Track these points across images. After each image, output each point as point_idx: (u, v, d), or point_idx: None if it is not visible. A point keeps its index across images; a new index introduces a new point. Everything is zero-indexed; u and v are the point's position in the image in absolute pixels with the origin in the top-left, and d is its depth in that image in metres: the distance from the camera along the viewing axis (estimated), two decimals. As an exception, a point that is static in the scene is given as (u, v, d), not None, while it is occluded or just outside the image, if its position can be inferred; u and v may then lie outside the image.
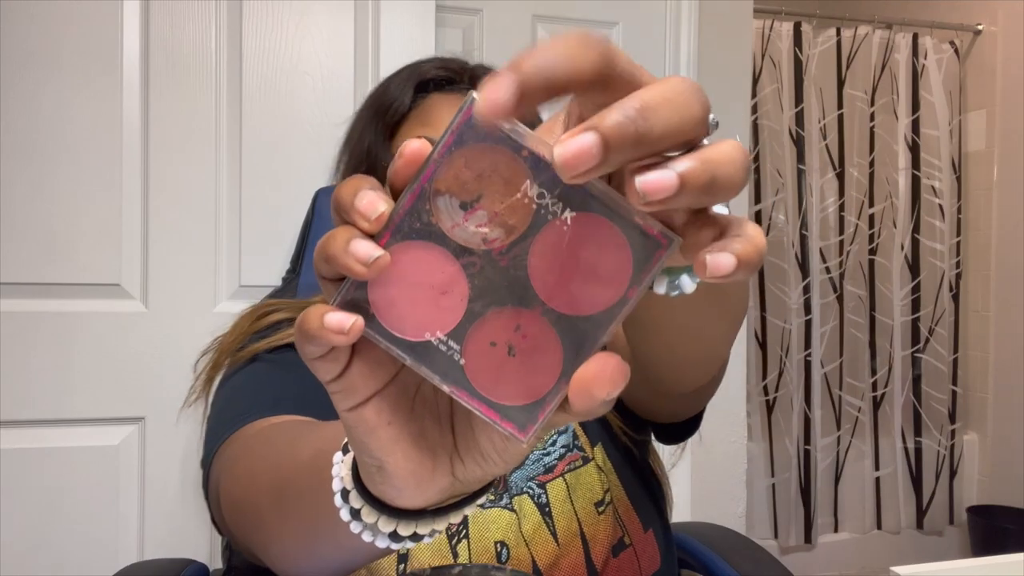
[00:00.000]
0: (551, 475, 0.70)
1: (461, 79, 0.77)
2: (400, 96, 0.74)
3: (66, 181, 1.18)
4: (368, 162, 0.75)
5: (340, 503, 0.35)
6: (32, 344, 1.17)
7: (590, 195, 0.26)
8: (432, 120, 0.74)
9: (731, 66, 1.67)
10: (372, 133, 0.75)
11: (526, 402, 0.28)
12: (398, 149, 0.28)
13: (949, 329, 2.58)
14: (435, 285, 0.28)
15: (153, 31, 1.21)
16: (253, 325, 0.75)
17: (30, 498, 1.17)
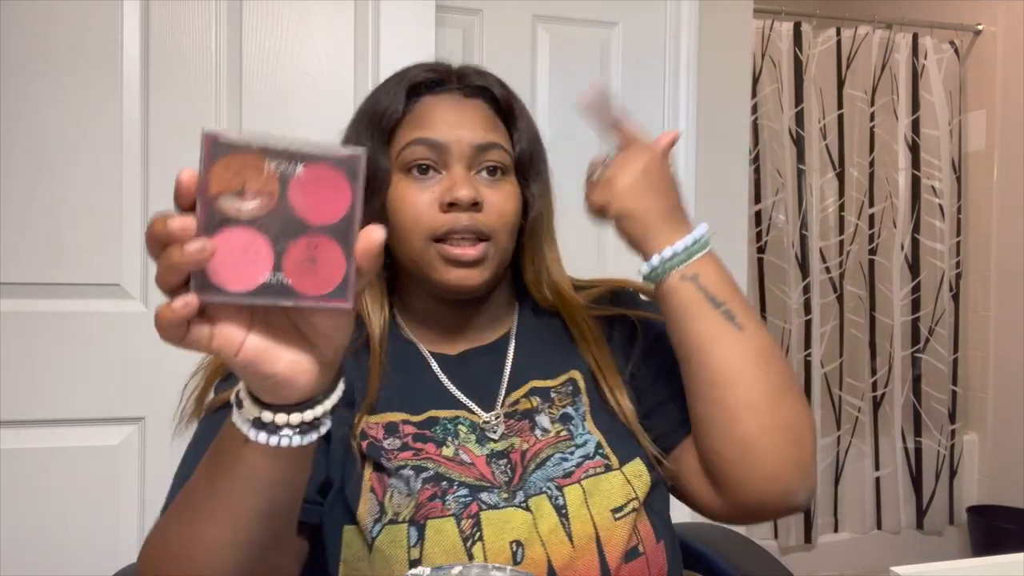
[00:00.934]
0: (569, 480, 0.71)
1: (449, 79, 0.78)
2: (393, 102, 0.75)
3: (66, 181, 1.18)
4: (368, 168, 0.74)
5: (238, 418, 0.50)
6: (32, 344, 1.17)
7: (306, 154, 0.42)
8: (426, 122, 0.75)
9: (731, 66, 1.67)
10: (369, 140, 0.75)
11: (338, 283, 0.43)
12: (176, 179, 0.42)
13: (949, 329, 2.58)
14: (247, 249, 0.42)
15: (153, 31, 1.21)
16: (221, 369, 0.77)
17: (30, 498, 1.17)
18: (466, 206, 0.72)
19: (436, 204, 0.73)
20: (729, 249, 1.69)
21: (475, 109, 0.77)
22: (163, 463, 1.23)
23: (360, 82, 1.31)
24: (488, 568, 0.51)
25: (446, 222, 0.72)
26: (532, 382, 0.78)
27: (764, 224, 2.46)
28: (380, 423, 0.72)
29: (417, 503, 0.67)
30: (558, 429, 0.75)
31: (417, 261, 0.74)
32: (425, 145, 0.73)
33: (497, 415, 0.75)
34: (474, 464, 0.71)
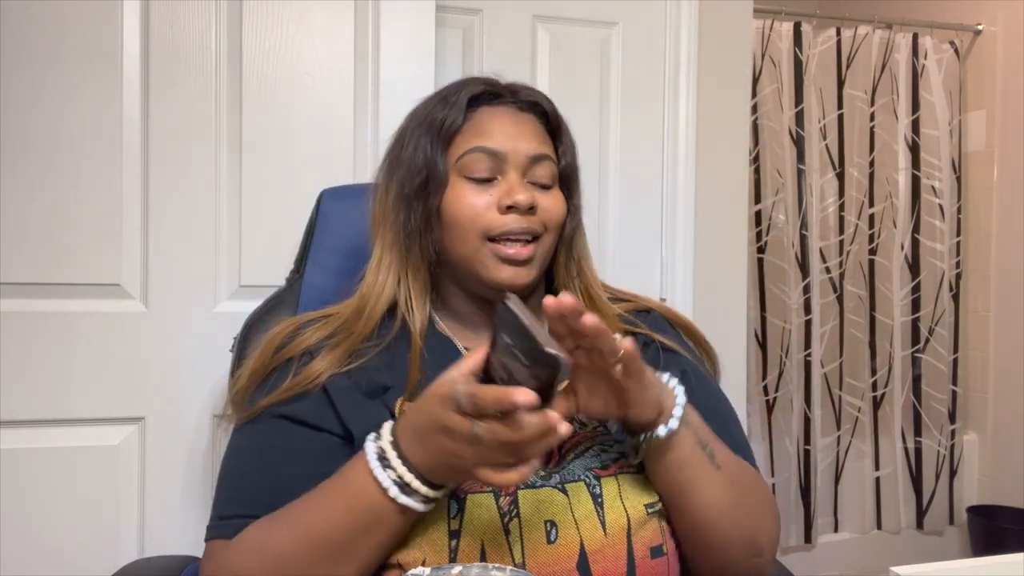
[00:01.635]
0: (606, 472, 0.76)
1: (505, 93, 0.84)
2: (454, 112, 0.81)
3: (66, 181, 1.18)
4: (427, 172, 0.80)
5: (384, 478, 0.64)
6: (32, 344, 1.17)
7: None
8: (486, 131, 0.81)
9: (731, 66, 1.67)
10: (428, 147, 0.80)
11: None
12: (506, 399, 0.56)
13: (949, 329, 2.58)
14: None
15: (153, 31, 1.21)
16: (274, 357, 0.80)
17: (30, 498, 1.17)
18: (524, 210, 0.78)
19: (495, 206, 0.79)
20: (729, 249, 1.69)
21: (529, 123, 0.84)
22: (163, 463, 1.23)
23: (360, 82, 1.31)
24: (488, 568, 0.51)
25: (504, 223, 0.79)
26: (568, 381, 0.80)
27: (764, 224, 2.46)
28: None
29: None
30: (594, 424, 0.79)
31: (470, 258, 0.80)
32: (486, 153, 0.80)
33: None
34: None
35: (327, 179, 1.18)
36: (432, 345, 0.81)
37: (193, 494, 1.24)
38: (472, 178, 0.80)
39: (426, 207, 0.81)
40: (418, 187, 0.81)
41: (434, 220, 0.81)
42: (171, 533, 1.22)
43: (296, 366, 0.78)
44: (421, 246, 0.81)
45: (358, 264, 1.01)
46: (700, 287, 1.63)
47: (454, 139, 0.81)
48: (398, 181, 0.83)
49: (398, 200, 0.82)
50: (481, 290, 0.82)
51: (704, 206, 1.64)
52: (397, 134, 0.87)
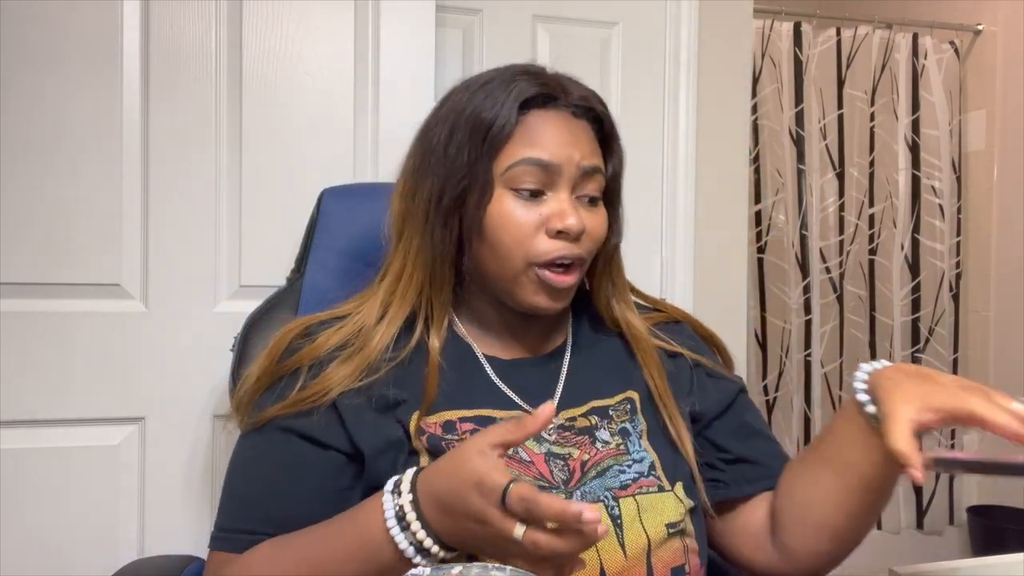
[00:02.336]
0: (625, 492, 0.73)
1: (558, 95, 0.76)
2: (503, 114, 0.73)
3: (66, 181, 1.18)
4: (470, 178, 0.73)
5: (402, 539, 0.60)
6: (32, 344, 1.17)
7: None
8: (538, 140, 0.73)
9: (731, 66, 1.67)
10: (474, 150, 0.73)
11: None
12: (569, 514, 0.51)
13: (949, 329, 2.58)
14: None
15: (153, 31, 1.21)
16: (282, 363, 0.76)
17: (30, 498, 1.17)
18: (574, 236, 0.73)
19: (542, 228, 0.73)
20: (729, 249, 1.69)
21: (583, 130, 0.76)
22: (163, 463, 1.23)
23: (360, 82, 1.31)
24: (488, 568, 0.51)
25: (552, 250, 0.73)
26: (592, 402, 0.79)
27: (764, 224, 2.46)
28: (437, 422, 0.73)
29: None
30: (617, 442, 0.76)
31: (510, 280, 0.74)
32: (538, 166, 0.73)
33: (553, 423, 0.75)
34: (533, 462, 0.72)
35: (327, 179, 1.18)
36: (450, 351, 0.77)
37: (193, 494, 1.24)
38: (520, 190, 0.73)
39: (466, 219, 0.74)
40: (458, 196, 0.73)
41: (474, 234, 0.74)
42: (171, 533, 1.22)
43: (305, 377, 0.73)
44: (447, 260, 0.75)
45: (359, 264, 1.01)
46: (700, 287, 1.63)
47: (502, 148, 0.73)
48: (435, 185, 0.75)
49: (433, 207, 0.74)
50: (512, 305, 0.77)
51: (704, 206, 1.64)
52: (433, 125, 0.78)
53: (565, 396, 0.79)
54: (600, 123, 0.78)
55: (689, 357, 0.84)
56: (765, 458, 0.83)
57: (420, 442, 0.71)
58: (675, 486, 0.76)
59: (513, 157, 0.73)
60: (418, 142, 0.80)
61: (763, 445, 0.84)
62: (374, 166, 1.31)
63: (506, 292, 0.75)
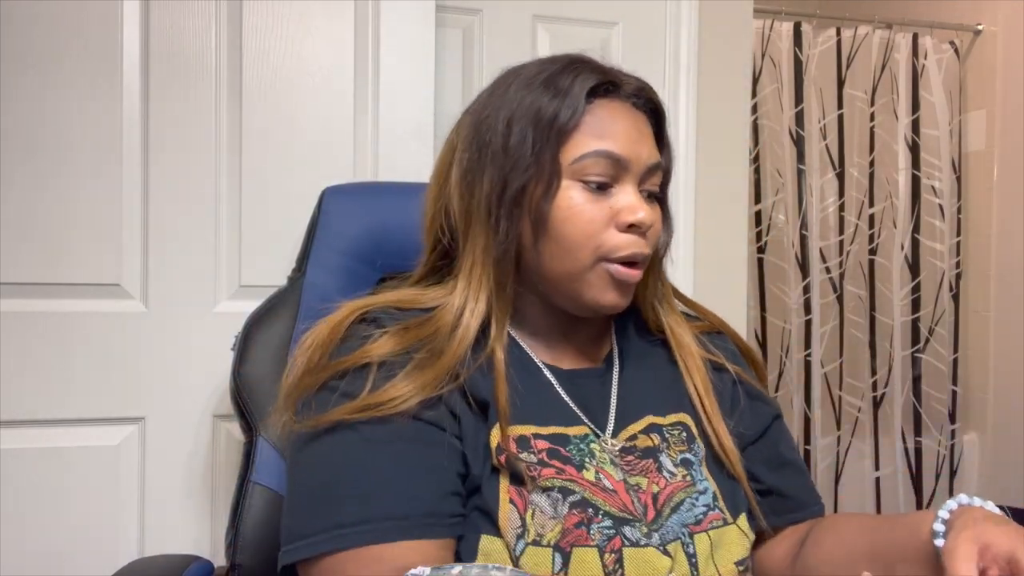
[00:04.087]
0: (699, 528, 0.70)
1: (621, 85, 0.73)
2: (569, 104, 0.70)
3: (66, 181, 1.18)
4: (535, 168, 0.70)
5: None
6: (32, 344, 1.17)
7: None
8: (608, 132, 0.71)
9: (731, 66, 1.67)
10: (539, 139, 0.69)
11: None
12: None
13: (949, 329, 2.58)
14: None
15: (153, 31, 1.21)
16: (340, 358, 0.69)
17: (30, 498, 1.17)
18: (646, 230, 0.71)
19: (612, 222, 0.70)
20: (729, 249, 1.69)
21: (644, 124, 0.74)
22: (163, 463, 1.23)
23: (360, 82, 1.31)
24: (488, 568, 0.51)
25: (623, 246, 0.70)
26: (649, 417, 0.76)
27: (764, 224, 2.46)
28: (512, 436, 0.69)
29: (563, 528, 0.65)
30: (683, 473, 0.73)
31: (575, 277, 0.71)
32: (609, 159, 0.70)
33: (616, 445, 0.73)
34: (616, 491, 0.69)
35: (327, 179, 1.18)
36: (511, 357, 0.73)
37: (193, 494, 1.24)
38: (588, 183, 0.70)
39: (531, 212, 0.70)
40: (522, 187, 0.70)
41: (539, 228, 0.70)
42: (171, 533, 1.22)
43: (375, 376, 0.66)
44: (515, 257, 0.71)
45: (360, 263, 1.01)
46: (700, 287, 1.63)
47: (569, 137, 0.70)
48: (496, 178, 0.71)
49: (495, 201, 0.70)
50: (573, 307, 0.74)
51: (704, 206, 1.64)
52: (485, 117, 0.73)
53: (621, 410, 0.76)
54: (656, 116, 0.76)
55: (733, 372, 0.82)
56: (796, 491, 0.82)
57: (499, 461, 0.67)
58: (738, 518, 0.74)
59: (582, 148, 0.70)
60: (467, 139, 0.74)
61: (794, 477, 0.83)
62: (374, 166, 1.31)
63: (571, 291, 0.72)
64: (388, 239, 1.01)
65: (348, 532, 0.61)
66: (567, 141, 0.70)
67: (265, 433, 0.94)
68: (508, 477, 0.66)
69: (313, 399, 0.68)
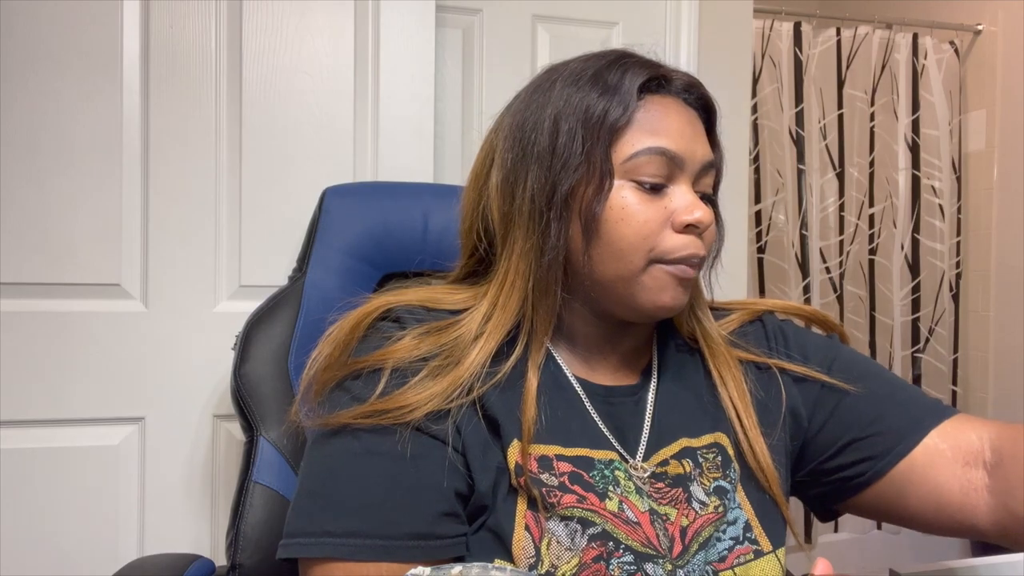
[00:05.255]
0: (723, 564, 0.67)
1: (672, 80, 0.71)
2: (620, 100, 0.67)
3: (66, 181, 1.18)
4: (586, 167, 0.66)
5: None
6: (32, 344, 1.17)
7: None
8: (661, 128, 0.67)
9: (731, 66, 1.67)
10: (589, 137, 0.66)
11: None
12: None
13: (949, 329, 2.58)
14: None
15: (153, 31, 1.21)
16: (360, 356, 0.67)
17: (30, 498, 1.17)
18: (704, 230, 0.68)
19: (668, 223, 0.67)
20: (729, 249, 1.69)
21: (698, 121, 0.72)
22: (163, 463, 1.23)
23: (360, 82, 1.31)
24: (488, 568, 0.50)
25: (681, 247, 0.67)
26: (683, 440, 0.72)
27: (764, 224, 2.46)
28: (533, 455, 0.66)
29: (581, 561, 0.62)
30: (715, 503, 0.69)
31: (629, 281, 0.67)
32: (664, 156, 0.67)
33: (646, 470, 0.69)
34: (639, 523, 0.66)
35: (327, 179, 1.18)
36: (544, 371, 0.69)
37: (193, 494, 1.24)
38: (642, 183, 0.67)
39: (581, 214, 0.67)
40: (572, 188, 0.66)
41: (590, 231, 0.67)
42: (171, 533, 1.22)
43: (387, 381, 0.65)
44: (565, 262, 0.68)
45: (361, 263, 1.01)
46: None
47: (621, 135, 0.67)
48: (543, 176, 0.67)
49: (543, 201, 0.67)
50: (626, 312, 0.70)
51: (704, 206, 1.64)
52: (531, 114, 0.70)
53: (654, 432, 0.72)
54: (708, 113, 0.73)
55: (774, 366, 0.77)
56: (909, 406, 0.75)
57: (520, 483, 0.64)
58: (778, 549, 0.70)
59: (635, 145, 0.67)
60: (509, 139, 0.71)
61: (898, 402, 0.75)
62: (374, 165, 1.31)
63: (625, 295, 0.68)
64: (389, 239, 1.01)
65: (335, 543, 0.61)
66: (619, 139, 0.67)
67: (266, 433, 0.94)
68: (526, 501, 0.64)
69: (327, 397, 0.67)
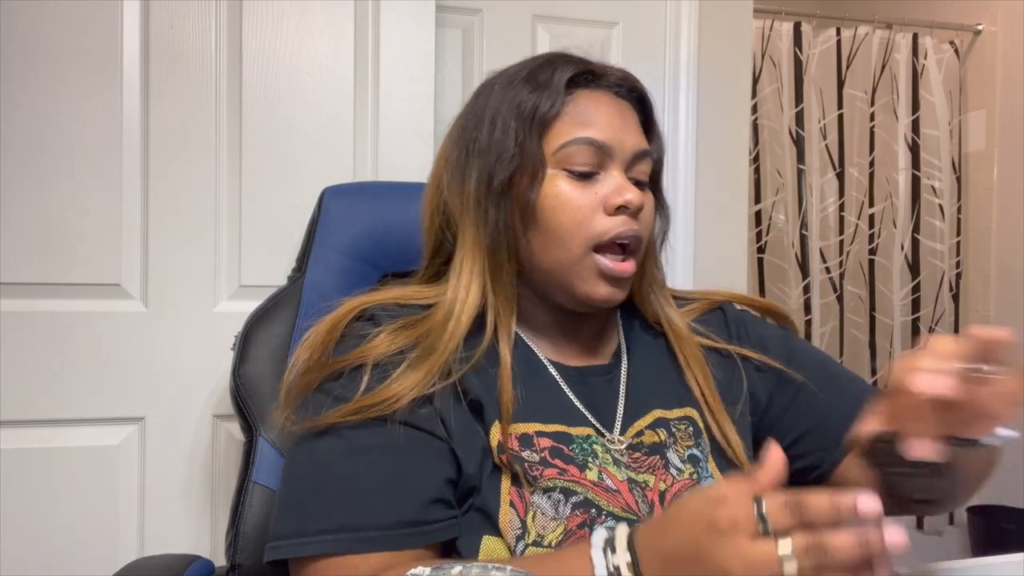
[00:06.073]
0: None
1: (601, 74, 0.75)
2: (550, 94, 0.71)
3: (66, 181, 1.18)
4: (520, 159, 0.70)
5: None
6: (32, 344, 1.17)
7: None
8: (589, 119, 0.71)
9: (731, 66, 1.67)
10: (522, 130, 0.70)
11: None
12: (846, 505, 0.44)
13: (949, 329, 2.58)
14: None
15: (153, 31, 1.21)
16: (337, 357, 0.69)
17: (30, 498, 1.17)
18: (635, 211, 0.70)
19: (600, 207, 0.70)
20: (729, 249, 1.69)
21: (629, 112, 0.75)
22: (163, 463, 1.23)
23: (360, 82, 1.31)
24: (488, 568, 0.51)
25: (613, 226, 0.70)
26: (656, 411, 0.75)
27: (764, 224, 2.46)
28: (513, 434, 0.68)
29: (566, 529, 0.65)
30: (690, 470, 0.72)
31: (567, 268, 0.71)
32: (592, 146, 0.70)
33: (623, 443, 0.72)
34: (619, 491, 0.68)
35: (327, 179, 1.18)
36: (517, 358, 0.72)
37: (193, 494, 1.24)
38: (573, 171, 0.70)
39: (519, 202, 0.70)
40: (508, 178, 0.70)
41: (528, 220, 0.71)
42: (171, 533, 1.23)
43: (370, 376, 0.66)
44: (509, 248, 0.71)
45: (361, 263, 1.01)
46: (700, 287, 1.63)
47: (551, 127, 0.71)
48: (483, 169, 0.72)
49: (483, 192, 0.71)
50: (569, 302, 0.74)
51: (704, 206, 1.64)
52: (469, 119, 0.75)
53: (629, 407, 0.75)
54: (642, 104, 0.77)
55: (735, 353, 0.81)
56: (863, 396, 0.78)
57: (501, 460, 0.67)
58: None
59: (565, 136, 0.71)
60: (454, 140, 0.76)
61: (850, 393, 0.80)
62: (374, 166, 1.31)
63: (564, 283, 0.72)
64: (388, 239, 1.01)
65: (329, 539, 0.61)
66: (549, 131, 0.71)
67: (265, 433, 0.94)
68: (510, 478, 0.66)
69: (310, 399, 0.68)
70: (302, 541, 0.62)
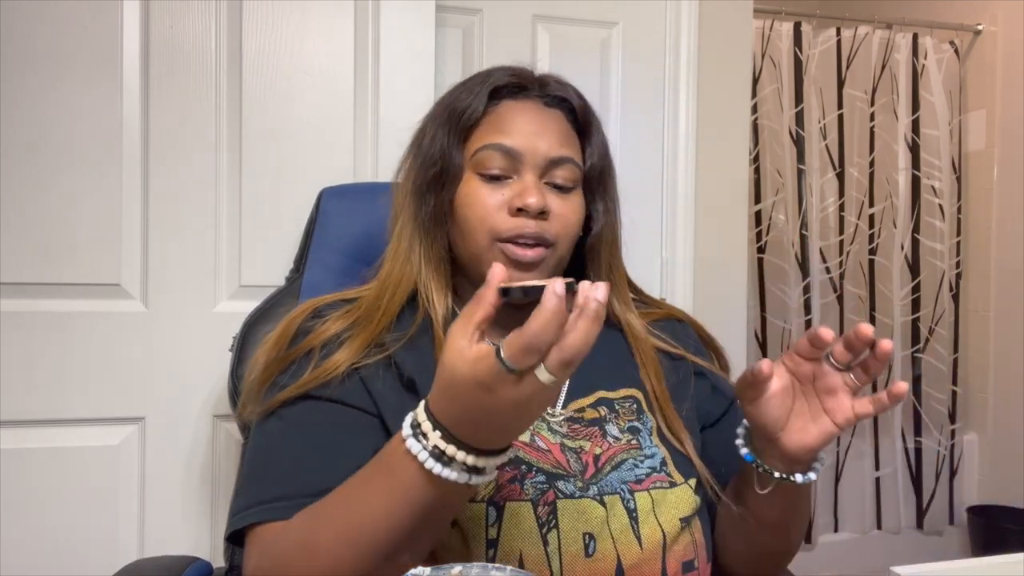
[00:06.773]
0: (640, 486, 0.74)
1: (532, 86, 0.81)
2: (474, 103, 0.78)
3: (66, 181, 1.18)
4: (442, 164, 0.78)
5: (433, 463, 0.55)
6: (32, 344, 1.17)
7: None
8: (505, 127, 0.78)
9: (731, 66, 1.67)
10: (445, 136, 0.78)
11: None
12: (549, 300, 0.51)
13: (949, 329, 2.58)
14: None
15: (153, 31, 1.21)
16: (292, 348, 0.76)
17: (30, 498, 1.17)
18: (534, 213, 0.75)
19: (505, 207, 0.76)
20: (729, 249, 1.69)
21: (553, 120, 0.80)
22: (163, 463, 1.23)
23: (360, 82, 1.31)
24: (488, 568, 0.51)
25: (514, 226, 0.76)
26: (599, 392, 0.80)
27: (764, 224, 2.46)
28: None
29: (497, 484, 0.69)
30: (628, 438, 0.77)
31: (478, 257, 0.77)
32: (501, 151, 0.77)
33: (562, 415, 0.77)
34: (550, 451, 0.73)
35: (327, 179, 1.18)
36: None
37: (193, 494, 1.24)
38: (485, 175, 0.77)
39: (439, 200, 0.78)
40: (432, 179, 0.78)
41: (447, 214, 0.79)
42: (171, 533, 1.23)
43: (317, 358, 0.73)
44: (435, 240, 0.79)
45: (358, 263, 1.01)
46: (700, 287, 1.63)
47: (472, 132, 0.79)
48: (415, 171, 0.81)
49: (413, 191, 0.80)
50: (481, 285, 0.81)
51: (704, 206, 1.64)
52: (421, 122, 0.84)
53: (573, 387, 0.79)
54: (575, 114, 0.82)
55: (691, 362, 0.86)
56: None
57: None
58: (688, 480, 0.77)
59: (480, 142, 0.77)
60: (412, 139, 0.85)
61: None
62: (374, 166, 1.31)
63: (477, 272, 0.78)
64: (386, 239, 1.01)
65: (265, 508, 0.67)
66: (469, 137, 0.79)
67: (265, 433, 0.94)
68: None
69: (264, 395, 0.75)
70: (245, 514, 0.68)
